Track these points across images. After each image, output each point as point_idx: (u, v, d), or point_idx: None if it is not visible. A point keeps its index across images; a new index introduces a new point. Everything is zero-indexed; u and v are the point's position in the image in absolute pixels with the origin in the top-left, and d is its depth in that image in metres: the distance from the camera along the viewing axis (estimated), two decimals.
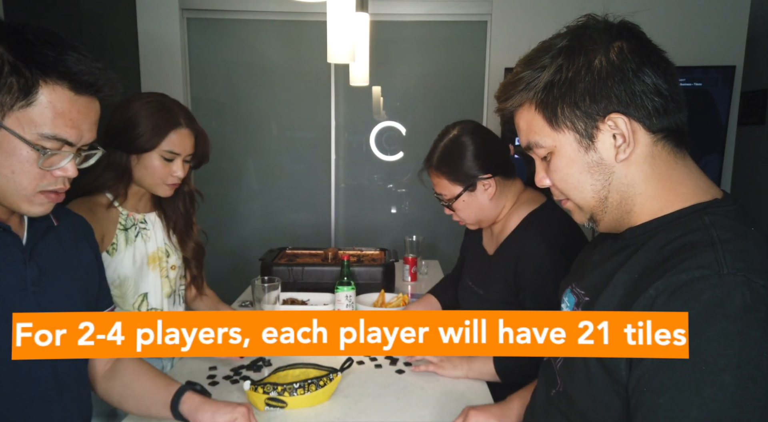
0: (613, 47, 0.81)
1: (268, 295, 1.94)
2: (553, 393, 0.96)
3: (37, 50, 0.88)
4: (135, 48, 3.47)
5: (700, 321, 0.67)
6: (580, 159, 0.85)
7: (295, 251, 2.62)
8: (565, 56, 0.82)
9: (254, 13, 3.61)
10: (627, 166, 0.83)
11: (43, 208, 0.97)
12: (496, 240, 1.66)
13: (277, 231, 3.82)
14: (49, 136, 0.90)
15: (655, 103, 0.80)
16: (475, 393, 1.48)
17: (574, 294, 0.93)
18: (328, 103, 3.71)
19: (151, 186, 1.55)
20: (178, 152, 1.54)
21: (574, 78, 0.81)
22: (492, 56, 3.55)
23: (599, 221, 0.89)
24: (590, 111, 0.81)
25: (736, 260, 0.70)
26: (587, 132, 0.83)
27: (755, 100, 4.20)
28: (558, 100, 0.83)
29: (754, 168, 4.22)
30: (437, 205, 4.23)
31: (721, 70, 3.34)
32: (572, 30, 0.85)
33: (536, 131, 0.87)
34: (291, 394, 1.34)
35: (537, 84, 0.84)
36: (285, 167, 3.85)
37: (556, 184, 0.90)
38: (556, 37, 0.86)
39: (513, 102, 0.88)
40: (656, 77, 0.80)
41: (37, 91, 0.88)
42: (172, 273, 1.69)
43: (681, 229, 0.79)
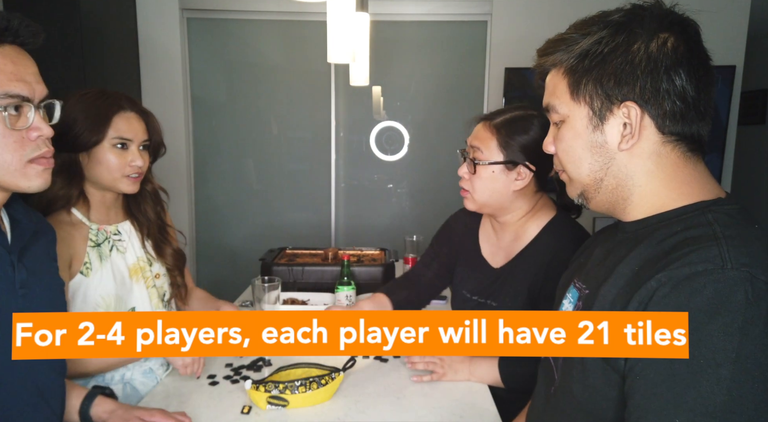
0: (658, 37, 0.79)
1: (268, 295, 1.94)
2: (552, 390, 0.96)
3: None
4: (135, 48, 3.47)
5: (701, 315, 0.67)
6: (586, 135, 0.84)
7: (295, 251, 2.62)
8: (611, 30, 0.80)
9: (254, 13, 3.61)
10: (629, 157, 0.83)
11: (42, 179, 0.95)
12: (506, 251, 1.56)
13: (277, 231, 3.82)
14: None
15: (675, 106, 0.79)
16: (475, 394, 1.48)
17: (577, 289, 0.93)
18: (328, 103, 3.70)
19: (110, 183, 1.42)
20: (129, 137, 1.42)
21: (608, 55, 0.80)
22: (492, 56, 3.55)
23: (590, 199, 0.89)
24: (611, 93, 0.81)
25: (740, 256, 0.70)
26: (601, 112, 0.82)
27: (755, 100, 4.19)
28: (586, 72, 0.82)
29: (754, 168, 4.22)
30: (437, 205, 4.21)
31: (721, 70, 3.34)
32: (633, 7, 0.83)
33: (558, 95, 0.87)
34: (293, 392, 1.34)
35: (575, 49, 0.83)
36: (285, 167, 3.85)
37: (559, 153, 0.90)
38: (617, 10, 0.83)
39: (551, 59, 0.87)
40: (688, 82, 0.79)
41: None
42: (159, 282, 1.59)
43: (683, 224, 0.79)
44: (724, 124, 3.41)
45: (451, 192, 3.80)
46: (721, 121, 3.41)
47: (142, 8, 3.47)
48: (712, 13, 3.32)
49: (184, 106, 3.57)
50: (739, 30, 3.39)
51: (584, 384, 0.83)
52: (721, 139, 3.43)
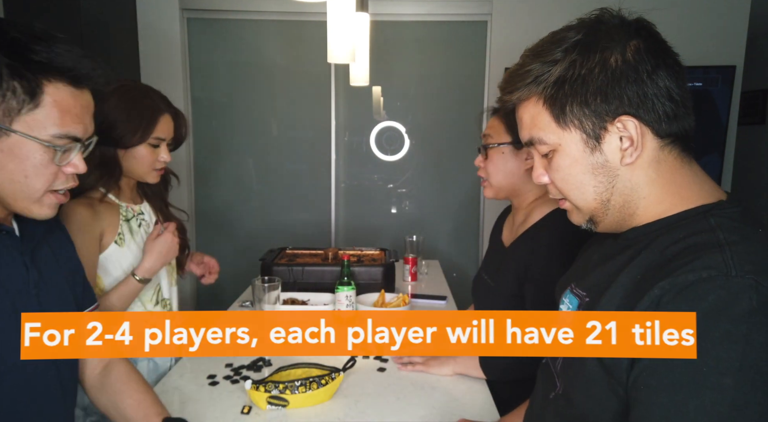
0: (629, 46, 0.79)
1: (268, 295, 1.93)
2: (552, 395, 0.95)
3: (29, 48, 0.85)
4: (135, 48, 3.47)
5: (705, 322, 0.67)
6: (584, 159, 0.82)
7: (295, 251, 2.62)
8: (580, 51, 0.79)
9: (254, 13, 3.60)
10: (632, 170, 0.82)
11: (51, 210, 0.97)
12: (514, 233, 1.63)
13: (277, 231, 3.81)
14: (59, 135, 0.90)
15: (666, 107, 0.79)
16: (475, 393, 1.48)
17: (575, 295, 0.91)
18: (328, 103, 3.70)
19: (141, 175, 1.57)
20: (164, 138, 1.56)
21: (587, 75, 0.79)
22: (492, 56, 3.55)
23: (599, 222, 0.87)
24: (600, 111, 0.79)
25: (744, 262, 0.69)
26: (594, 132, 0.81)
27: (755, 100, 4.19)
28: (568, 97, 0.80)
29: (754, 168, 4.22)
30: (437, 205, 4.22)
31: (721, 70, 3.34)
32: (587, 24, 0.82)
33: (541, 127, 0.85)
34: (293, 392, 1.34)
35: (548, 78, 0.81)
36: (285, 167, 3.85)
37: (556, 182, 0.88)
38: (569, 30, 0.82)
39: (519, 94, 0.85)
40: (670, 80, 0.79)
41: (43, 92, 0.87)
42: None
43: (685, 230, 0.77)
44: (724, 124, 3.41)
45: (451, 192, 3.80)
46: (721, 121, 3.41)
47: (142, 8, 3.46)
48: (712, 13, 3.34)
49: (184, 106, 3.56)
50: (739, 30, 3.39)
51: (586, 394, 0.82)
52: (721, 139, 3.42)
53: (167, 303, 1.71)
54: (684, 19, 3.36)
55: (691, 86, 3.41)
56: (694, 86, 3.36)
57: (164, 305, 1.70)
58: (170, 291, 1.74)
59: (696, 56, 3.37)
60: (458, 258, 3.84)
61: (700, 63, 3.35)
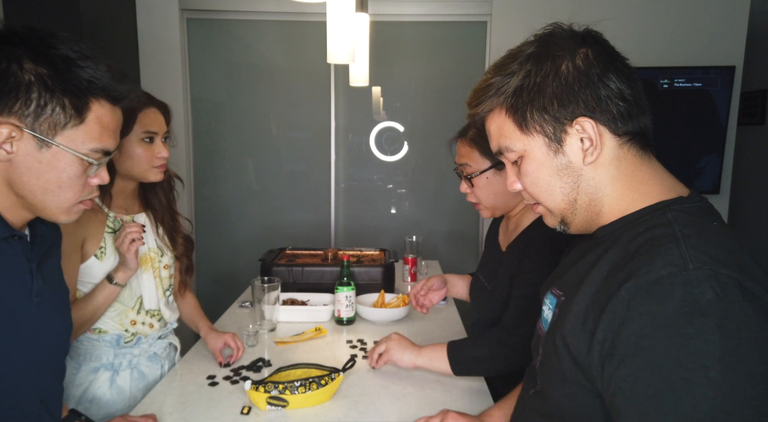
0: (578, 53, 0.84)
1: (268, 296, 1.94)
2: (531, 392, 0.97)
3: (78, 65, 0.89)
4: (135, 48, 3.47)
5: (677, 319, 0.68)
6: (549, 162, 0.87)
7: (294, 251, 2.62)
8: (533, 62, 0.85)
9: (254, 13, 3.61)
10: (594, 169, 0.86)
11: (77, 217, 1.00)
12: (509, 237, 1.65)
13: (277, 231, 3.82)
14: (96, 149, 0.93)
15: (619, 107, 0.83)
16: (475, 394, 1.48)
17: (554, 295, 0.94)
18: (328, 104, 3.70)
19: (140, 174, 1.52)
20: (155, 131, 1.52)
21: (542, 83, 0.84)
22: (492, 56, 3.55)
23: (570, 223, 0.92)
24: (558, 115, 0.84)
25: (700, 254, 0.71)
26: (556, 135, 0.86)
27: (755, 100, 4.18)
28: (527, 105, 0.86)
29: (753, 168, 4.21)
30: (437, 205, 4.24)
31: (720, 70, 3.34)
32: (540, 37, 0.88)
33: (507, 135, 0.90)
34: (292, 392, 1.34)
35: (507, 89, 0.87)
36: (285, 167, 3.85)
37: (527, 187, 0.92)
38: (525, 44, 0.89)
39: (484, 107, 0.92)
40: (620, 82, 0.83)
41: (89, 109, 0.91)
42: (165, 273, 1.67)
43: (645, 225, 0.81)
44: (723, 125, 3.41)
45: (451, 192, 3.80)
46: (720, 122, 3.40)
47: (142, 8, 3.47)
48: (712, 13, 3.34)
49: (184, 106, 3.56)
50: (738, 30, 3.39)
51: (562, 391, 0.85)
52: (721, 139, 3.42)
53: (155, 313, 1.62)
54: (684, 20, 3.36)
55: (690, 86, 3.43)
56: (694, 86, 3.36)
57: (152, 316, 1.61)
58: (159, 302, 1.64)
59: (696, 56, 3.37)
60: (458, 259, 3.84)
61: (700, 63, 3.35)
